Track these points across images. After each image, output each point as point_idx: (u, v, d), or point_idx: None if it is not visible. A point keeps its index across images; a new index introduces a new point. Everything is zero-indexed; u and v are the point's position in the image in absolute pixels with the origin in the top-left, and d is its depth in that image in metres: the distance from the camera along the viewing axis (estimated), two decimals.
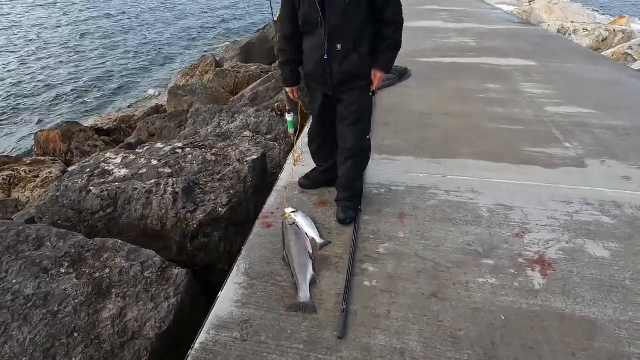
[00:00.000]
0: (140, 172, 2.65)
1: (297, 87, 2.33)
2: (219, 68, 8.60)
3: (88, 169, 2.70)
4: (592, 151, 3.19)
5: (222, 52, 12.25)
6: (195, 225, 2.36)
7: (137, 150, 3.06)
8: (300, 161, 2.93)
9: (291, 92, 2.34)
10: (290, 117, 2.54)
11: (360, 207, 2.40)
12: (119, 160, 2.82)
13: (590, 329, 1.66)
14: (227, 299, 1.82)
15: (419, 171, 2.89)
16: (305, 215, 2.31)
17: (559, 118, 3.81)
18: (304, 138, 3.06)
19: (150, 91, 10.60)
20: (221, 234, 2.42)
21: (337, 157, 2.33)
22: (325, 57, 2.01)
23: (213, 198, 2.49)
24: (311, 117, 2.50)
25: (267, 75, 6.76)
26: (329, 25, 1.95)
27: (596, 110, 3.99)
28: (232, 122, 4.08)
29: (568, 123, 3.70)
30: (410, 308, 1.76)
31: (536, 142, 3.33)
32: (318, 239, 2.18)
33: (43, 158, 5.25)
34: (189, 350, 1.58)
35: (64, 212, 2.46)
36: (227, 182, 2.61)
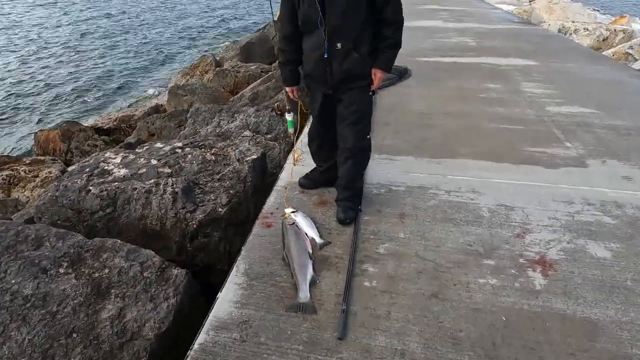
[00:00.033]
0: (139, 171, 2.64)
1: (297, 87, 2.32)
2: (219, 68, 8.59)
3: (87, 169, 2.69)
4: (593, 151, 3.18)
5: (222, 51, 12.24)
6: (195, 225, 2.35)
7: (136, 150, 3.05)
8: (300, 161, 2.92)
9: (291, 92, 2.34)
10: (290, 117, 2.54)
11: (360, 207, 2.39)
12: (118, 160, 2.81)
13: (591, 330, 1.65)
14: (226, 300, 1.81)
15: (419, 171, 2.88)
16: (305, 216, 2.30)
17: (560, 118, 3.80)
18: (304, 138, 3.05)
19: (150, 91, 10.59)
20: (221, 234, 2.41)
21: (337, 157, 2.33)
22: (326, 56, 2.00)
23: (213, 198, 2.48)
24: (311, 117, 2.49)
25: (267, 75, 6.75)
26: (328, 24, 1.94)
27: (597, 110, 3.98)
28: (232, 122, 4.07)
29: (569, 123, 3.69)
30: (411, 309, 1.76)
31: (537, 142, 3.32)
32: (318, 239, 2.17)
33: (43, 158, 5.24)
34: (188, 351, 1.57)
35: (63, 212, 2.45)
36: (227, 182, 2.61)
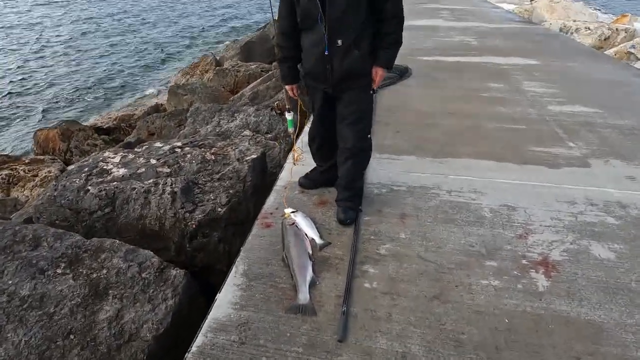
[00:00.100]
0: (138, 171, 2.62)
1: (297, 85, 2.30)
2: (219, 67, 8.58)
3: (86, 169, 2.67)
4: (597, 151, 3.15)
5: (222, 51, 12.23)
6: (194, 225, 2.33)
7: (135, 149, 3.03)
8: (300, 161, 2.90)
9: (290, 90, 2.31)
10: (290, 116, 2.52)
11: (360, 208, 2.37)
12: (117, 159, 2.79)
13: (595, 333, 1.63)
14: (225, 301, 1.78)
15: (420, 171, 2.85)
16: (305, 216, 2.28)
17: (563, 117, 3.78)
18: (304, 137, 3.03)
19: (150, 90, 10.58)
20: (220, 234, 2.39)
21: (337, 157, 2.30)
22: (326, 53, 1.98)
23: (212, 198, 2.46)
24: (312, 116, 2.47)
25: (267, 74, 6.73)
26: (329, 20, 1.91)
27: (600, 109, 3.95)
28: (231, 121, 4.05)
29: (572, 122, 3.67)
30: (412, 311, 1.73)
31: (539, 141, 3.29)
32: (318, 239, 2.15)
33: (42, 157, 5.23)
34: (186, 353, 1.55)
35: (62, 212, 2.43)
36: (227, 182, 2.58)
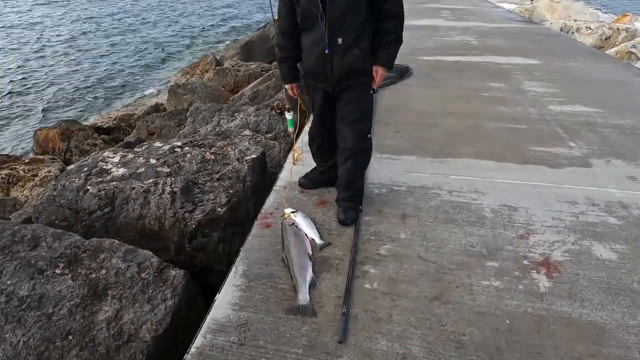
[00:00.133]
0: (138, 171, 2.61)
1: (297, 84, 2.29)
2: (219, 67, 8.57)
3: (85, 168, 2.66)
4: (598, 151, 3.14)
5: (223, 50, 12.22)
6: (194, 226, 2.32)
7: (135, 149, 3.02)
8: (300, 160, 2.89)
9: (290, 89, 2.31)
10: (289, 116, 2.51)
11: (361, 208, 2.36)
12: (117, 159, 2.78)
13: (597, 334, 1.62)
14: (224, 302, 1.77)
15: (421, 171, 2.84)
16: (305, 216, 2.27)
17: (563, 117, 3.76)
18: (304, 137, 3.02)
19: (150, 90, 10.57)
20: (220, 234, 2.38)
21: (337, 156, 2.29)
22: (327, 51, 1.97)
23: (212, 198, 2.45)
24: (312, 116, 2.46)
25: (267, 73, 6.72)
26: (329, 18, 1.90)
27: (601, 109, 3.94)
28: (231, 121, 4.04)
29: (572, 122, 3.65)
30: (413, 311, 1.72)
31: (540, 141, 3.28)
32: (318, 240, 2.13)
33: (42, 157, 5.23)
34: (185, 355, 1.54)
35: (61, 212, 2.42)
36: (226, 182, 2.58)
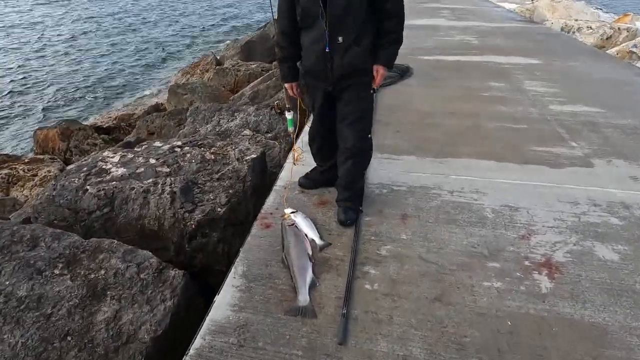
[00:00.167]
0: (137, 171, 2.60)
1: (297, 83, 2.28)
2: (219, 66, 8.55)
3: (85, 168, 2.65)
4: (599, 150, 3.13)
5: (223, 50, 12.21)
6: (194, 226, 2.31)
7: (135, 149, 3.01)
8: (300, 160, 2.88)
9: (290, 89, 2.29)
10: (289, 115, 2.50)
11: (361, 208, 2.35)
12: (116, 159, 2.77)
13: (600, 335, 1.61)
14: (223, 303, 1.76)
15: (421, 171, 2.83)
16: (305, 216, 2.26)
17: (564, 117, 3.75)
18: (304, 136, 3.01)
19: (150, 89, 10.55)
20: (220, 235, 2.37)
21: (338, 157, 2.28)
22: (327, 49, 1.95)
23: (212, 198, 2.44)
24: (312, 116, 2.44)
25: (267, 73, 6.71)
26: (330, 17, 1.89)
27: (602, 109, 3.93)
28: (231, 121, 4.03)
29: (573, 122, 3.64)
30: (413, 313, 1.71)
31: (541, 141, 3.27)
32: (318, 240, 2.12)
33: (42, 156, 5.22)
34: (184, 356, 1.53)
35: (60, 212, 2.41)
36: (226, 182, 2.56)
